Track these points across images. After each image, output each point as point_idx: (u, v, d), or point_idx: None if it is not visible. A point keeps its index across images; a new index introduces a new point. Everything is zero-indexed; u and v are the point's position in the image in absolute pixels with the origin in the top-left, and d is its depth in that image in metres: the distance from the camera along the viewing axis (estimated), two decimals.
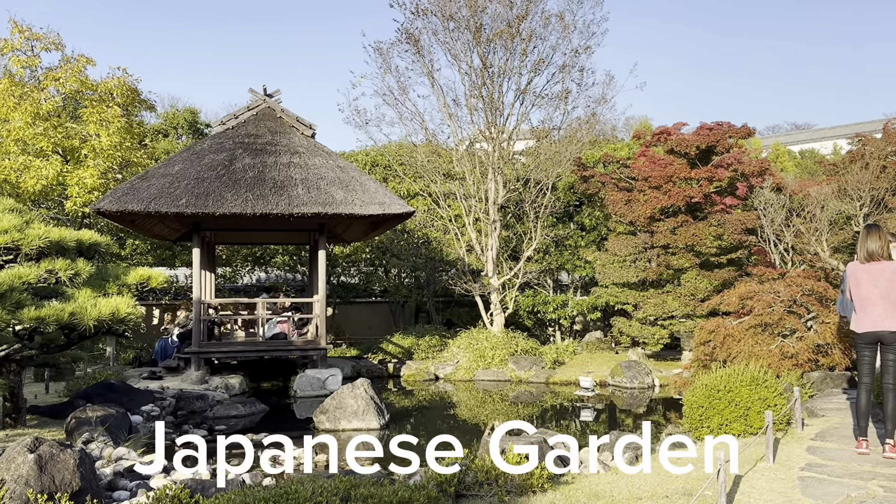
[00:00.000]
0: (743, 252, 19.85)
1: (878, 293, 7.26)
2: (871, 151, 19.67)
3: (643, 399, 17.06)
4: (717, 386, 9.31)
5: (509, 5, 21.25)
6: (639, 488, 6.98)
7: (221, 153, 17.55)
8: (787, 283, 15.37)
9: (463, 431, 13.59)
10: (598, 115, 23.70)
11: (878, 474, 6.90)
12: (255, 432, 12.66)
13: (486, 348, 20.65)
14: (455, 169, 22.89)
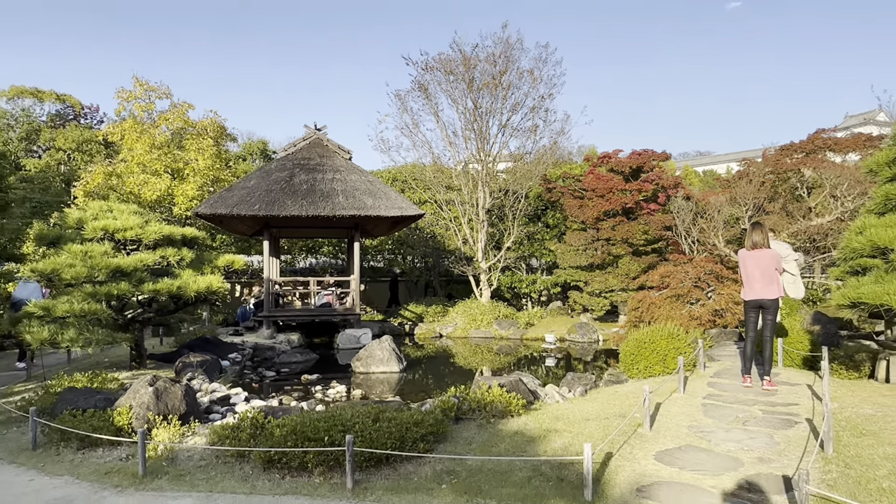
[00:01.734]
0: (663, 243, 20.00)
1: (760, 272, 7.44)
2: (754, 171, 20.13)
3: (591, 350, 17.32)
4: (643, 339, 9.46)
5: (493, 64, 21.47)
6: (587, 412, 7.14)
7: (284, 171, 17.70)
8: (693, 266, 15.55)
9: (460, 374, 13.79)
10: (559, 143, 24.00)
11: (758, 402, 7.08)
12: (310, 374, 12.86)
13: (476, 314, 20.91)
14: (454, 183, 23.18)
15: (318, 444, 5.51)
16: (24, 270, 11.00)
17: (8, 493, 5.48)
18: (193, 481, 5.54)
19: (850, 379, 8.26)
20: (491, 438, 6.21)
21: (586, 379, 9.73)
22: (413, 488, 5.10)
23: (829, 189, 18.03)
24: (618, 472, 5.12)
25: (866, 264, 7.36)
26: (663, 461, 5.27)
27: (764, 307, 7.52)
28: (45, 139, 31.04)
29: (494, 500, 4.77)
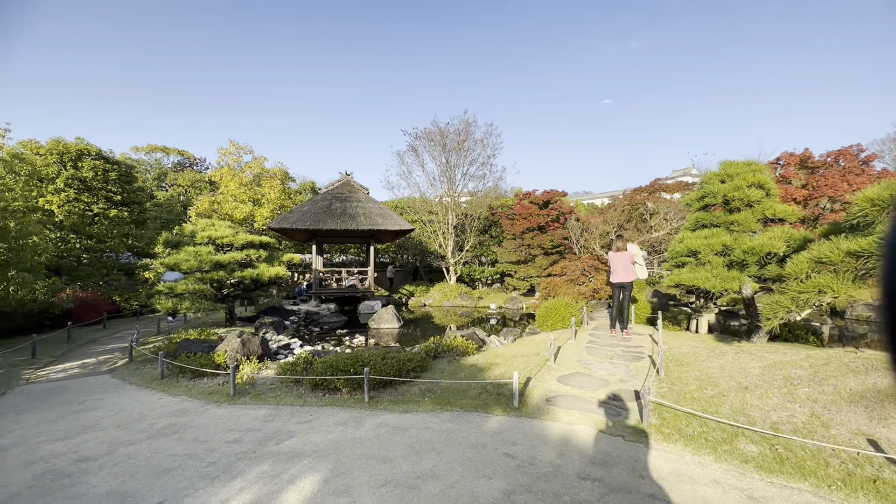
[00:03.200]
0: (562, 248, 20.13)
1: (621, 265, 7.48)
2: (618, 203, 20.23)
3: (518, 314, 17.31)
4: (550, 306, 9.46)
5: (458, 135, 21.38)
6: (516, 352, 7.12)
7: (325, 201, 17.38)
8: (581, 262, 15.66)
9: (437, 329, 13.69)
10: (499, 186, 23.89)
11: (620, 345, 7.13)
12: (341, 329, 12.64)
13: (447, 291, 20.75)
14: (433, 209, 22.95)
15: (346, 374, 5.44)
16: (157, 263, 10.68)
17: (144, 406, 5.30)
18: (266, 398, 5.42)
19: (675, 331, 8.43)
20: (456, 369, 6.20)
21: (515, 332, 9.75)
22: (407, 400, 5.07)
23: (662, 215, 18.42)
24: (534, 389, 5.15)
25: (684, 261, 7.51)
26: (562, 382, 5.32)
27: (624, 287, 7.62)
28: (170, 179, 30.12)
29: (458, 407, 4.76)
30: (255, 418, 4.73)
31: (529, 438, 3.88)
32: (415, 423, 4.36)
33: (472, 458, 3.53)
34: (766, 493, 2.93)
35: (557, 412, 4.45)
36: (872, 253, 4.20)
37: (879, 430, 3.48)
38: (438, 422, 4.38)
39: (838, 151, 18.10)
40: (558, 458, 3.49)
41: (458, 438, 3.94)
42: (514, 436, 3.95)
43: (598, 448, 3.66)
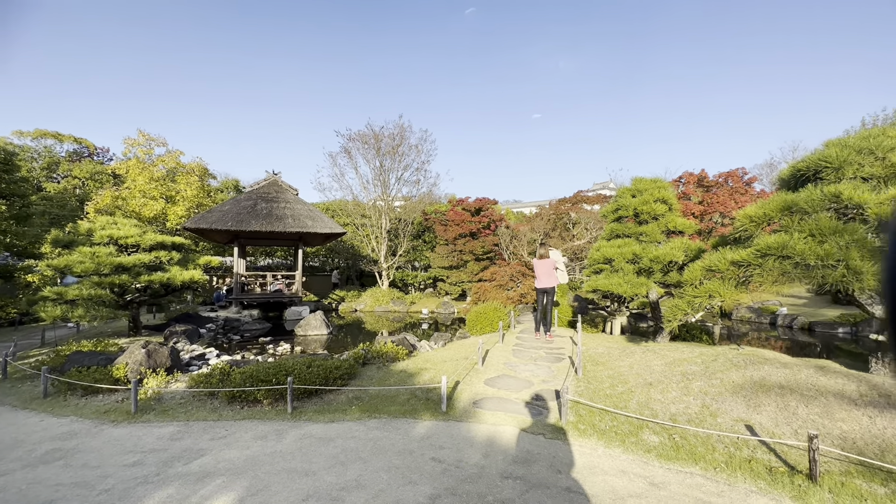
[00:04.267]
0: (493, 254, 20.78)
1: (543, 271, 7.80)
2: (544, 213, 21.33)
3: (450, 318, 17.52)
4: (480, 311, 9.68)
5: (393, 139, 21.28)
6: (445, 356, 7.17)
7: (250, 201, 16.35)
8: (510, 268, 16.26)
9: (368, 334, 13.43)
10: (433, 192, 24.09)
11: (543, 347, 7.45)
12: (265, 337, 11.95)
13: (379, 296, 20.44)
14: (367, 213, 22.53)
15: (267, 384, 5.13)
16: (42, 265, 9.32)
17: (21, 431, 4.58)
18: (175, 414, 4.95)
19: (592, 333, 9.02)
20: (385, 375, 6.12)
21: (445, 336, 9.85)
22: (333, 409, 4.90)
23: (584, 224, 19.75)
24: (462, 392, 5.23)
25: (601, 268, 8.09)
26: (489, 385, 5.46)
27: (547, 292, 8.00)
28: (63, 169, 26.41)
29: (386, 414, 4.70)
30: (159, 437, 4.29)
31: (456, 442, 3.94)
32: (341, 433, 4.23)
33: (398, 466, 3.50)
34: (665, 479, 3.24)
35: (484, 414, 4.56)
36: (751, 262, 4.85)
37: (755, 416, 4.00)
38: (365, 430, 4.29)
39: (728, 173, 20.66)
40: (483, 460, 3.57)
41: (386, 446, 3.89)
42: (442, 440, 3.98)
43: (520, 447, 3.80)
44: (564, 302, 11.19)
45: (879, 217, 4.48)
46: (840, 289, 4.68)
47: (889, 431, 3.51)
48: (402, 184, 22.53)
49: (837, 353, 9.31)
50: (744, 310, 15.26)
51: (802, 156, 5.51)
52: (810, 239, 4.53)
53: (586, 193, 22.85)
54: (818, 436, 3.12)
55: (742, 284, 5.21)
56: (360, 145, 21.54)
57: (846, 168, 4.82)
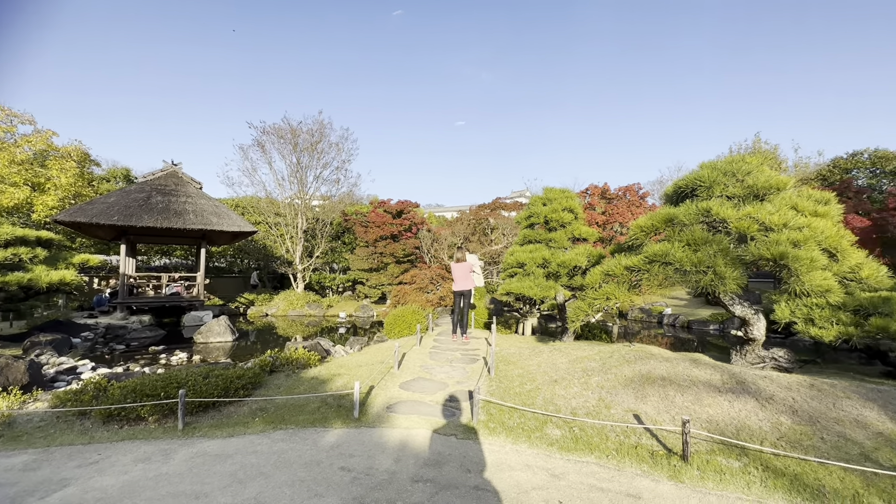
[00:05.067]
0: (414, 256, 20.82)
1: (461, 274, 7.95)
2: (464, 217, 21.94)
3: (369, 322, 17.19)
4: (398, 314, 9.61)
5: (312, 135, 20.43)
6: (361, 361, 7.01)
7: (142, 193, 14.58)
8: (430, 271, 16.41)
9: (279, 340, 12.66)
10: (354, 192, 23.56)
11: (460, 349, 7.57)
12: (157, 346, 10.72)
13: (293, 299, 19.42)
14: (281, 211, 21.27)
15: (154, 399, 4.58)
16: None
17: None
18: (31, 440, 4.19)
19: (506, 334, 9.40)
20: (294, 383, 5.79)
21: (362, 340, 9.63)
22: (233, 423, 4.51)
23: (501, 230, 20.62)
24: (376, 397, 5.13)
25: (514, 271, 8.49)
26: (404, 388, 5.43)
27: (464, 294, 8.18)
28: None
29: (293, 424, 4.44)
30: (7, 469, 3.60)
31: (367, 448, 3.84)
32: (241, 448, 3.90)
33: (304, 478, 3.31)
34: (564, 469, 3.46)
35: (398, 418, 4.51)
36: (641, 268, 5.41)
37: (642, 406, 4.45)
38: (269, 443, 4.01)
39: (626, 187, 22.94)
40: (394, 465, 3.53)
41: (291, 458, 3.67)
42: (352, 448, 3.86)
43: (433, 449, 3.82)
44: (481, 304, 11.54)
45: (739, 230, 5.27)
46: (710, 291, 5.41)
47: (743, 413, 4.11)
48: (321, 182, 21.71)
49: (709, 347, 10.77)
50: (637, 310, 17.02)
51: (683, 175, 6.30)
52: (687, 248, 5.18)
53: (504, 200, 23.88)
54: (690, 421, 3.56)
55: (634, 287, 5.79)
56: (276, 139, 20.35)
57: (715, 187, 5.60)
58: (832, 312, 4.82)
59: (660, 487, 3.17)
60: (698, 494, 3.07)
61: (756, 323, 5.44)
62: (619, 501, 2.98)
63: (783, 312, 5.05)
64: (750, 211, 5.19)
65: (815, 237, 4.96)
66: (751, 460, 3.44)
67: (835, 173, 21.29)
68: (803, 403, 4.18)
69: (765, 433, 3.83)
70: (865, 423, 3.87)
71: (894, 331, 4.48)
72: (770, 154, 24.14)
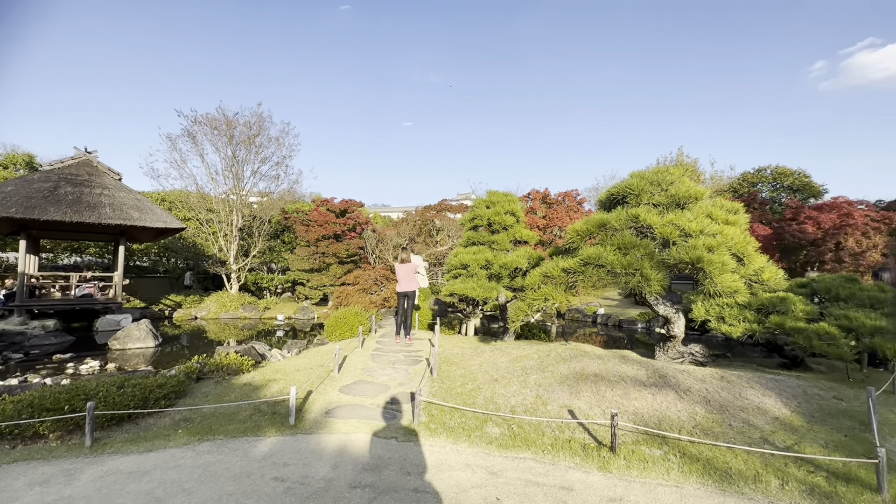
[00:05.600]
0: (357, 257, 20.38)
1: (405, 275, 7.92)
2: (410, 218, 21.88)
3: (309, 324, 16.57)
4: (340, 316, 9.37)
5: (249, 128, 19.35)
6: (299, 365, 6.75)
7: (48, 183, 13.00)
8: (375, 271, 16.18)
9: (210, 345, 11.84)
10: (295, 189, 22.68)
11: (403, 350, 7.52)
12: (64, 353, 9.63)
13: (227, 301, 18.25)
14: (214, 207, 19.92)
15: (56, 413, 4.09)
16: None
17: None
18: None
19: (450, 334, 9.45)
20: (224, 391, 5.43)
21: (301, 343, 9.27)
22: (152, 436, 4.14)
23: (447, 231, 20.80)
24: (314, 402, 4.95)
25: (458, 272, 8.58)
26: (344, 392, 5.29)
27: (407, 295, 8.14)
28: None
29: (222, 435, 4.16)
30: None
31: (303, 456, 3.69)
32: (160, 463, 3.59)
33: (232, 492, 3.11)
34: (502, 466, 3.54)
35: (337, 423, 4.38)
36: (576, 270, 5.68)
37: (575, 402, 4.67)
38: (194, 456, 3.72)
39: (565, 193, 24.05)
40: (332, 472, 3.42)
41: (218, 471, 3.43)
42: (287, 456, 3.69)
43: (372, 453, 3.74)
44: (426, 306, 11.54)
45: (663, 236, 5.71)
46: (637, 292, 5.80)
47: (664, 405, 4.45)
48: (260, 178, 20.63)
49: (637, 344, 11.55)
50: (574, 310, 17.88)
51: (616, 183, 6.71)
52: (618, 251, 5.52)
53: (450, 202, 24.11)
54: (618, 414, 3.78)
55: (570, 288, 6.08)
56: (209, 130, 19.05)
57: (643, 195, 6.02)
58: (740, 311, 5.35)
59: (590, 478, 3.34)
60: (624, 483, 3.27)
61: (677, 321, 5.92)
62: (553, 494, 3.10)
63: (699, 311, 5.54)
64: (672, 218, 5.64)
65: (726, 243, 5.49)
66: (670, 448, 3.73)
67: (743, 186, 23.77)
68: (715, 394, 4.61)
69: (682, 422, 4.16)
70: (765, 410, 4.34)
71: (789, 327, 5.07)
72: (691, 167, 26.46)
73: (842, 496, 2.98)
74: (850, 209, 12.92)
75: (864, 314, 5.05)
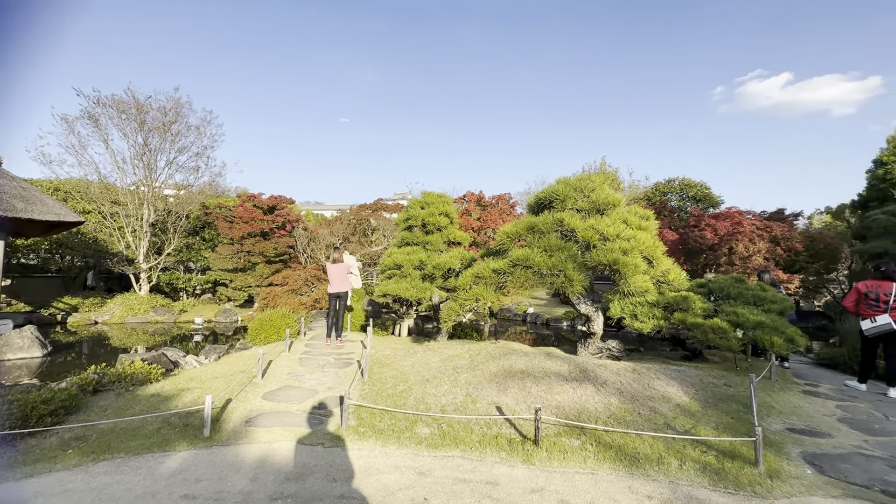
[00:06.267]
0: (287, 256, 19.40)
1: (337, 275, 7.73)
2: (345, 216, 21.35)
3: (232, 328, 15.48)
4: (265, 318, 8.89)
5: (164, 114, 17.62)
6: (217, 372, 6.30)
7: None
8: (306, 272, 15.57)
9: (112, 354, 10.60)
10: (217, 182, 21.03)
11: (333, 353, 7.31)
12: None
13: (135, 304, 16.48)
14: (121, 199, 17.90)
15: None
16: None
17: None
18: None
19: (383, 336, 9.33)
20: (127, 403, 4.90)
21: (220, 348, 8.64)
22: (33, 460, 3.62)
23: (382, 231, 20.54)
24: (234, 411, 4.64)
25: (392, 273, 8.51)
26: (268, 399, 5.01)
27: (340, 296, 7.93)
28: None
29: (123, 452, 3.75)
30: None
31: (218, 470, 3.43)
32: (43, 489, 3.14)
33: None
34: (431, 466, 3.56)
35: (258, 432, 4.14)
36: (506, 270, 5.88)
37: (503, 398, 4.83)
38: (87, 478, 3.31)
39: (499, 196, 24.81)
40: (250, 485, 3.22)
41: (117, 493, 3.08)
42: (200, 471, 3.41)
43: (297, 461, 3.58)
44: (359, 307, 11.30)
45: (585, 239, 6.09)
46: (562, 292, 6.13)
47: (584, 397, 4.75)
48: (176, 169, 18.85)
49: (563, 341, 12.22)
50: (506, 310, 18.51)
51: (544, 188, 7.04)
52: (544, 253, 5.80)
53: (386, 201, 23.81)
54: (541, 409, 3.97)
55: (500, 289, 6.28)
56: (115, 114, 17.07)
57: (568, 201, 6.39)
58: (650, 309, 5.87)
59: (514, 472, 3.47)
60: (545, 473, 3.43)
61: (596, 319, 6.35)
62: (479, 490, 3.17)
63: (615, 309, 5.99)
64: (593, 223, 6.04)
65: (639, 247, 5.99)
66: (588, 438, 3.98)
67: (656, 195, 26.13)
68: (627, 386, 5.00)
69: (599, 413, 4.47)
70: (669, 398, 4.79)
71: (690, 322, 5.64)
72: (612, 175, 28.56)
73: (728, 471, 3.38)
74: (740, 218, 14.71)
75: (749, 310, 5.77)
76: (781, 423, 4.43)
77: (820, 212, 32.33)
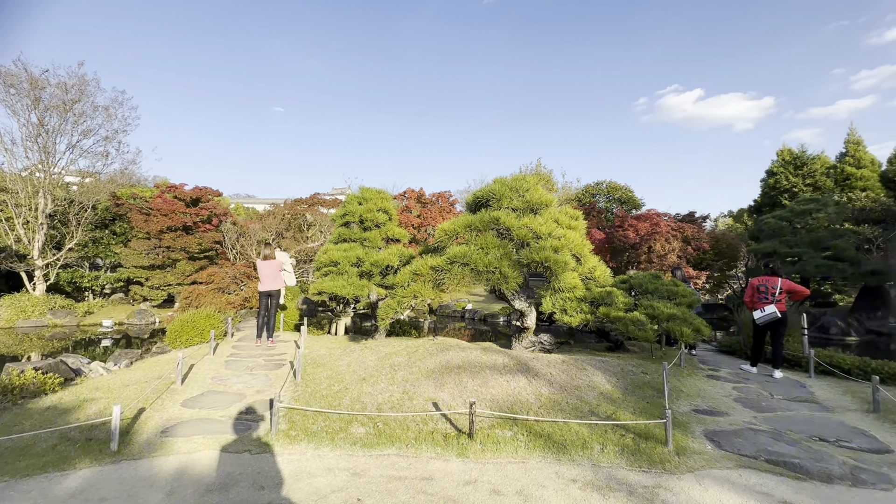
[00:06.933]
0: (213, 252, 18.09)
1: (268, 273, 7.42)
2: (279, 211, 20.39)
3: (148, 330, 14.17)
4: (186, 319, 8.24)
5: (65, 91, 15.64)
6: (129, 379, 5.75)
7: None
8: (234, 269, 14.67)
9: None
10: (131, 170, 19.12)
11: (264, 354, 7.01)
12: None
13: (27, 306, 14.49)
14: (10, 186, 15.61)
15: None
16: None
17: None
18: None
19: (318, 335, 9.05)
20: (16, 418, 4.30)
21: (133, 353, 7.86)
22: None
23: (319, 227, 19.84)
24: (147, 421, 4.25)
25: (328, 270, 8.26)
26: (188, 406, 4.65)
27: (271, 295, 7.53)
28: None
29: (8, 475, 3.29)
30: None
31: (128, 487, 3.13)
32: None
33: None
34: (366, 466, 3.51)
35: (176, 443, 3.82)
36: (443, 267, 5.94)
37: (440, 394, 4.88)
38: None
39: (439, 194, 24.97)
40: (166, 499, 2.97)
41: None
42: (105, 490, 3.08)
43: (220, 471, 3.36)
44: (293, 305, 10.84)
45: (519, 237, 6.32)
46: (498, 288, 6.31)
47: (517, 389, 4.93)
48: (80, 153, 16.86)
49: (499, 336, 12.61)
50: (445, 307, 18.71)
51: (482, 187, 7.20)
52: (481, 251, 5.94)
53: (324, 196, 23.04)
54: (476, 402, 4.06)
55: (438, 286, 6.33)
56: (2, 88, 14.88)
57: (504, 200, 6.58)
58: (578, 304, 6.23)
59: (449, 466, 3.52)
60: (479, 466, 3.52)
61: (529, 314, 6.62)
62: (413, 486, 3.18)
63: (547, 305, 6.28)
64: (527, 222, 6.28)
65: (568, 245, 6.33)
66: (520, 428, 4.14)
67: (586, 196, 27.75)
68: (557, 376, 5.27)
69: (530, 404, 4.67)
70: (594, 387, 5.12)
71: (613, 316, 6.06)
72: (546, 176, 29.88)
73: (643, 451, 3.68)
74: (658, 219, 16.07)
75: (663, 304, 6.33)
76: (688, 405, 4.92)
77: (724, 215, 36.28)
